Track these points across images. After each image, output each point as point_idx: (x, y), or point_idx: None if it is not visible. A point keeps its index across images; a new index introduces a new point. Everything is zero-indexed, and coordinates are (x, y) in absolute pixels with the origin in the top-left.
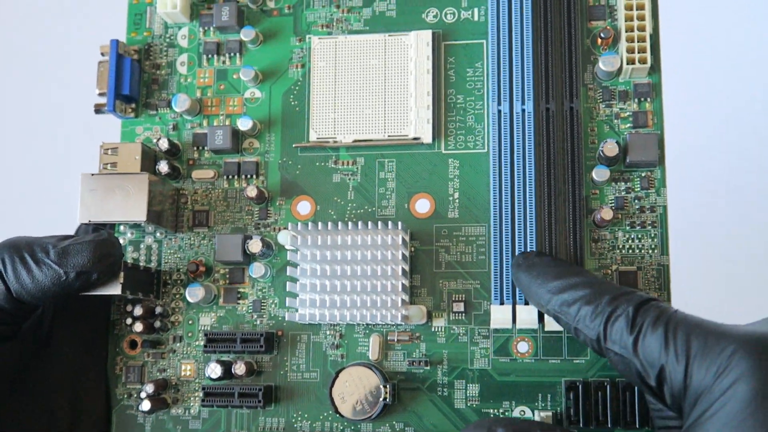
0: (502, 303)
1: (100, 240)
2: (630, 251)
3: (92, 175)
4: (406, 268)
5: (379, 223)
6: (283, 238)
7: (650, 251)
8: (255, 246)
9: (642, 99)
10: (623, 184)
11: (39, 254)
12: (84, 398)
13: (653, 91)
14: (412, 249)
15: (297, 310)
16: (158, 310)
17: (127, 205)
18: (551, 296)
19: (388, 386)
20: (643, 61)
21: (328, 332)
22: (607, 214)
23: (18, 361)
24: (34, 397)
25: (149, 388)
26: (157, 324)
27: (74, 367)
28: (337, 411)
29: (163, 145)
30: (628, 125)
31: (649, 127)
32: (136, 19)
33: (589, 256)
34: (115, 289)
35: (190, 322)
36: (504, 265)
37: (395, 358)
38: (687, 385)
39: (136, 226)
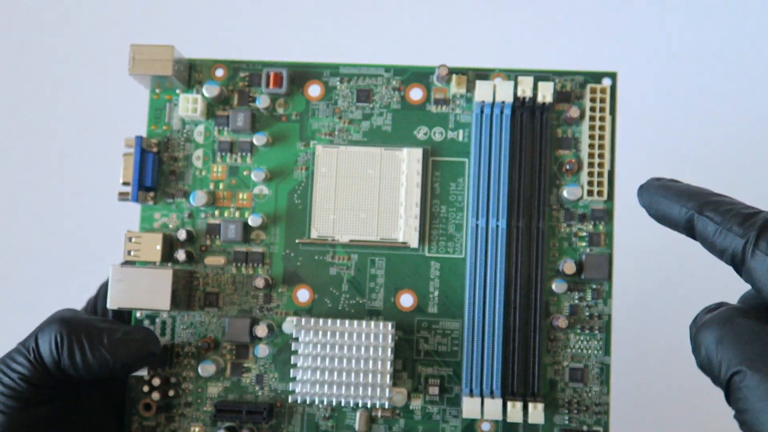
0: (471, 392)
1: (148, 339)
2: (579, 351)
3: (121, 266)
4: (392, 358)
5: (373, 323)
6: (288, 327)
7: (596, 351)
8: (261, 331)
9: (597, 222)
10: (577, 293)
11: (95, 340)
12: None
13: (607, 215)
14: (397, 338)
15: (294, 391)
16: (173, 380)
17: (152, 296)
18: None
19: None
20: (600, 194)
21: (320, 405)
22: (563, 323)
23: (50, 422)
24: None
25: None
26: (171, 393)
27: (98, 426)
28: None
29: (182, 235)
30: (584, 244)
31: (602, 246)
32: (156, 113)
33: (545, 352)
34: (142, 372)
35: (199, 390)
36: (474, 357)
37: (378, 431)
38: None
39: None
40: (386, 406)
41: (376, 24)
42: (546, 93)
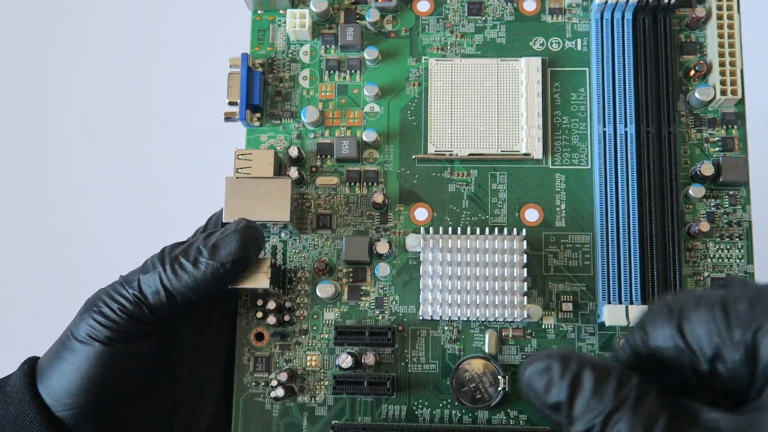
0: (609, 302)
1: (243, 227)
2: (720, 260)
3: (237, 178)
4: (524, 272)
5: (503, 236)
6: (412, 242)
7: (737, 260)
8: (383, 247)
9: (729, 126)
10: (713, 200)
11: (193, 255)
12: (205, 391)
13: (739, 119)
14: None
15: (419, 308)
16: (288, 304)
17: (271, 207)
18: None
19: (507, 377)
20: (734, 93)
21: (446, 328)
22: (704, 227)
23: (150, 359)
24: (159, 393)
25: (283, 376)
26: (287, 318)
27: (197, 360)
28: (458, 399)
29: (293, 153)
30: (717, 149)
31: (736, 151)
32: (259, 35)
33: (684, 263)
34: (263, 283)
35: (314, 316)
36: (610, 269)
37: (509, 352)
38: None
39: (263, 226)
40: (521, 323)
41: None
42: None
